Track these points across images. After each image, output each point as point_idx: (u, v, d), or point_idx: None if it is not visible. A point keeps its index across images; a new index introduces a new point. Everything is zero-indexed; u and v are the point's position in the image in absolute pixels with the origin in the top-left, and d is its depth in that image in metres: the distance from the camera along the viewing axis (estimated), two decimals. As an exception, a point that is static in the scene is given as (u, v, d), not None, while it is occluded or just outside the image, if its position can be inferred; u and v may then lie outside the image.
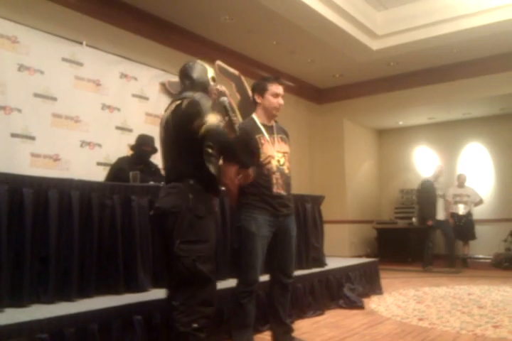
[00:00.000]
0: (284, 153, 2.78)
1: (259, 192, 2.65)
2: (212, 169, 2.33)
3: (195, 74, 2.49)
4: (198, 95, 2.31)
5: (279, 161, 2.72)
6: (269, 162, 2.70)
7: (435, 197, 7.33)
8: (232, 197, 2.75)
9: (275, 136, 2.79)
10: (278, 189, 2.67)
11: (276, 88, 2.77)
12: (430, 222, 7.22)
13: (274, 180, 2.67)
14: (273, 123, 2.86)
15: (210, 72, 2.56)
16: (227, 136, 2.23)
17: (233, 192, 2.73)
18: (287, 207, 2.74)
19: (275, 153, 2.73)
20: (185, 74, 2.52)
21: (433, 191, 7.34)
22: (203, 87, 2.48)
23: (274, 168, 2.69)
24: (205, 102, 2.28)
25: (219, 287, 2.94)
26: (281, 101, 2.78)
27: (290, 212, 2.78)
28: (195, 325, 2.10)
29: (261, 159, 2.69)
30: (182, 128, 2.28)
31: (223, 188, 2.91)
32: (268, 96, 2.76)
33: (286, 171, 2.75)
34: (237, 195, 2.72)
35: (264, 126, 2.79)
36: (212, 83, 2.55)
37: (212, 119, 2.20)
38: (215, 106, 2.45)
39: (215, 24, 6.14)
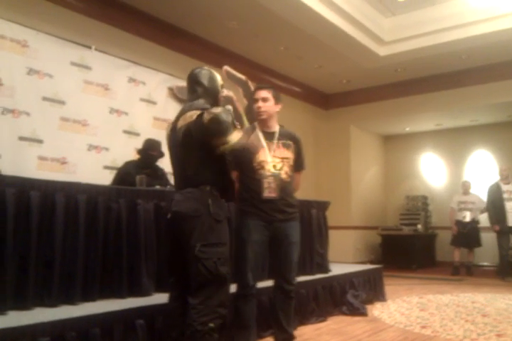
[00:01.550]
0: (283, 158, 2.77)
1: (249, 197, 2.70)
2: (232, 177, 2.44)
3: (208, 81, 2.50)
4: (219, 110, 2.28)
5: (275, 166, 2.72)
6: (262, 167, 2.71)
7: (502, 200, 7.07)
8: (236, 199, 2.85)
9: (275, 141, 2.80)
10: (270, 193, 2.67)
11: (256, 94, 2.82)
12: (497, 228, 7.04)
13: (266, 184, 2.68)
14: (275, 129, 2.86)
15: (219, 80, 2.56)
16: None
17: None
18: (283, 213, 2.73)
19: (270, 158, 2.74)
20: (196, 81, 2.51)
21: (499, 194, 7.11)
22: (214, 95, 2.50)
23: (267, 173, 2.70)
24: (228, 119, 2.26)
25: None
26: (260, 104, 2.78)
27: (287, 217, 2.75)
28: (211, 325, 2.15)
29: (254, 164, 2.71)
30: (202, 140, 2.30)
31: None
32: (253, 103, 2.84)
33: (284, 176, 2.74)
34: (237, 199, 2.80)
35: (264, 132, 2.82)
36: (221, 90, 2.57)
37: (236, 138, 2.26)
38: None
39: (223, 29, 6.18)
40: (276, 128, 2.87)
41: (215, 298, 2.20)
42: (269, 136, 2.80)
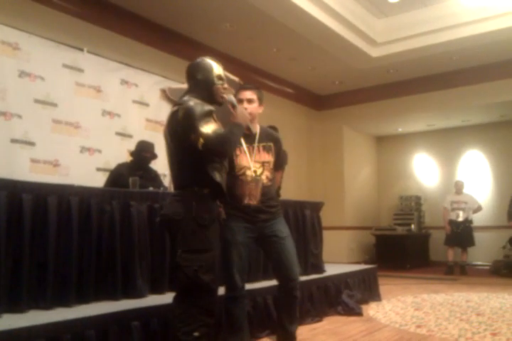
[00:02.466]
0: (263, 162, 2.72)
1: (232, 201, 2.64)
2: (217, 177, 2.26)
3: (200, 74, 2.34)
4: (192, 103, 2.20)
5: (255, 172, 2.68)
6: (244, 173, 2.67)
7: None
8: None
9: (255, 145, 2.74)
10: (250, 200, 2.63)
11: (240, 94, 2.75)
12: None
13: (247, 191, 2.63)
14: (256, 130, 2.79)
15: (217, 70, 2.37)
16: (222, 145, 2.19)
17: None
18: (266, 213, 2.70)
19: (252, 163, 2.69)
20: (189, 74, 2.38)
21: None
22: (207, 87, 2.34)
23: (249, 179, 2.65)
24: (199, 110, 2.17)
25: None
26: (245, 105, 2.69)
27: (271, 216, 2.73)
28: (196, 334, 2.09)
29: (235, 170, 2.67)
30: (181, 138, 2.22)
31: None
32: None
33: (265, 181, 2.70)
34: None
35: (244, 134, 2.67)
36: (218, 82, 2.36)
37: (206, 131, 2.14)
38: (219, 109, 2.41)
39: (216, 31, 6.18)
40: (256, 129, 2.80)
41: (198, 307, 2.13)
42: (249, 138, 2.74)
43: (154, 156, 4.43)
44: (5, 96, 4.36)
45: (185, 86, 2.51)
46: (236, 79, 6.17)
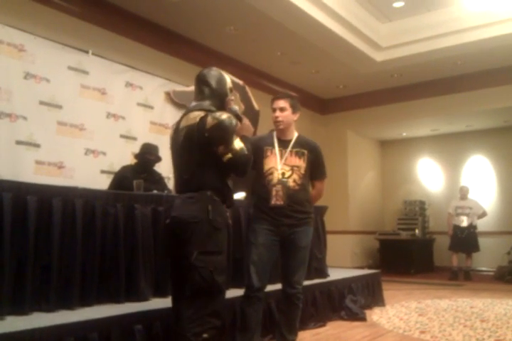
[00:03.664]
0: (293, 166, 2.79)
1: (259, 203, 2.78)
2: (230, 183, 2.36)
3: (216, 83, 2.41)
4: (224, 116, 2.26)
5: (283, 174, 2.75)
6: (271, 173, 2.76)
7: None
8: None
9: (288, 149, 2.83)
10: (277, 200, 2.71)
11: (274, 103, 2.89)
12: None
13: (274, 192, 2.72)
14: (292, 137, 2.89)
15: (229, 82, 2.48)
16: (246, 165, 2.30)
17: None
18: (290, 218, 2.74)
19: (280, 165, 2.77)
20: (204, 80, 2.43)
21: None
22: (221, 98, 2.41)
23: (275, 180, 2.73)
24: (232, 125, 2.25)
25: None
26: (277, 113, 2.84)
27: (296, 222, 2.76)
28: (205, 335, 2.10)
29: (263, 170, 2.77)
30: (204, 145, 2.25)
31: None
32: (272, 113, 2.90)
33: (291, 184, 2.75)
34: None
35: (280, 139, 2.87)
36: (230, 94, 2.48)
37: (236, 147, 2.24)
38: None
39: (220, 34, 6.19)
40: (292, 136, 2.91)
41: (208, 308, 2.15)
42: (284, 143, 2.85)
43: (158, 159, 4.42)
44: (10, 97, 4.36)
45: (189, 89, 2.53)
46: (240, 82, 6.17)
